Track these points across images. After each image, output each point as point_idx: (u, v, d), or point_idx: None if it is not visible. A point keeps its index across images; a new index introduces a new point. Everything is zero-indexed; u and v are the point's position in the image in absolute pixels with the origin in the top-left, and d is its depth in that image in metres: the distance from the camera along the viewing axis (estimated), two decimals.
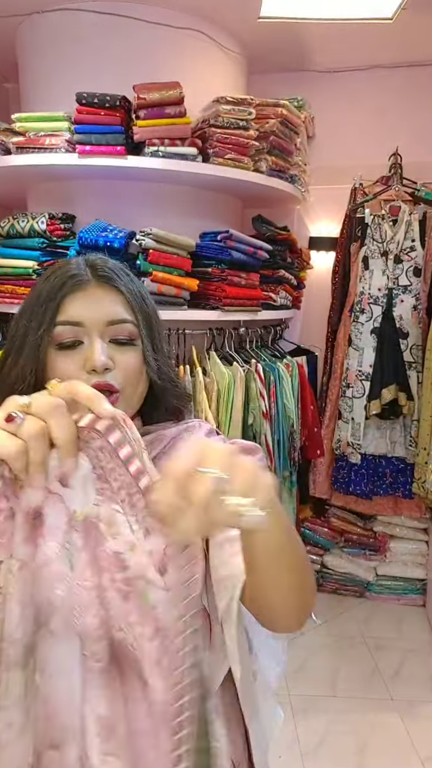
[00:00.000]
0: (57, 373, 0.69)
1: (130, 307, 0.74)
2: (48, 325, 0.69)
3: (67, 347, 0.70)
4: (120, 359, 0.71)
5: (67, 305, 0.70)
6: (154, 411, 0.79)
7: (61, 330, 0.70)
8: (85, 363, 0.68)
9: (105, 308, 0.72)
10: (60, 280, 0.72)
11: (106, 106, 2.00)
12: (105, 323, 0.71)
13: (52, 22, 2.28)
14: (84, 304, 0.71)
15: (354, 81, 2.90)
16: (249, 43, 2.57)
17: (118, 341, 0.72)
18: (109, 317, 0.71)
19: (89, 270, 0.73)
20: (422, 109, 2.86)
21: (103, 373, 0.68)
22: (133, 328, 0.73)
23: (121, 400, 0.70)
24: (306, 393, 2.51)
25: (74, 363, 0.69)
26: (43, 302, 0.71)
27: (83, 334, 0.70)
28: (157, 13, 2.24)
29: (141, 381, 0.74)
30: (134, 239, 2.06)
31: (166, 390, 0.77)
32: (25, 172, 2.20)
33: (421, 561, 2.82)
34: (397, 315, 2.58)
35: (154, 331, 0.76)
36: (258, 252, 2.30)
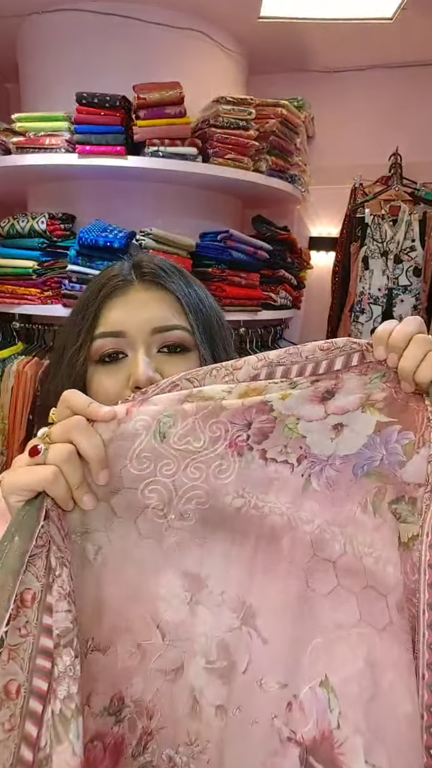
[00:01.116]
0: (99, 392, 0.60)
1: (183, 310, 0.63)
2: (85, 338, 0.61)
3: (109, 362, 0.61)
4: (170, 371, 0.58)
5: (106, 313, 0.61)
6: None
7: (101, 343, 0.61)
8: (128, 378, 0.59)
9: (150, 313, 0.61)
10: (99, 284, 0.63)
11: (106, 106, 2.00)
12: (150, 331, 0.61)
13: (52, 22, 2.28)
14: (126, 311, 0.61)
15: (354, 81, 2.90)
16: (249, 43, 2.57)
17: (168, 351, 0.62)
18: (154, 324, 0.61)
19: (133, 270, 0.64)
20: (422, 109, 2.86)
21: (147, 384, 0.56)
22: (185, 334, 0.62)
23: None
24: None
25: (117, 380, 0.60)
26: (82, 310, 0.63)
27: (126, 345, 0.61)
28: (157, 13, 2.23)
29: None
30: (134, 239, 2.06)
31: None
32: (25, 172, 2.20)
33: None
34: (397, 315, 2.57)
35: (215, 338, 0.66)
36: (258, 252, 2.30)
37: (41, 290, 2.15)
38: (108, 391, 0.60)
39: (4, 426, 2.13)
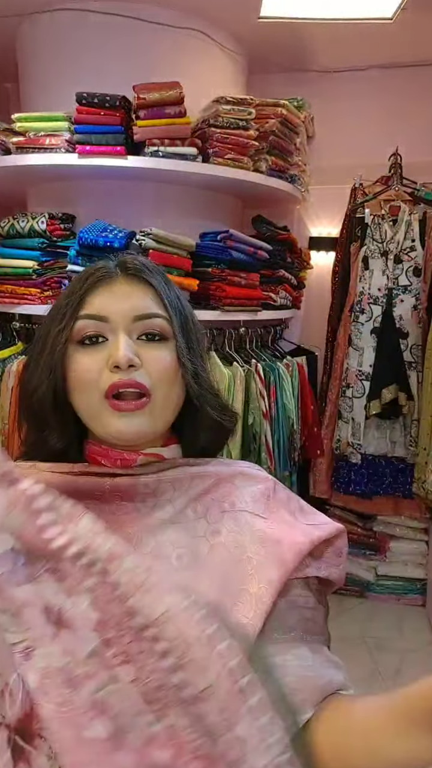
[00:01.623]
0: (78, 372, 0.62)
1: (162, 302, 0.65)
2: (69, 320, 0.62)
3: (90, 344, 0.62)
4: (149, 356, 0.62)
5: (90, 299, 0.63)
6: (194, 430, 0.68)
7: (83, 324, 0.62)
8: (108, 359, 0.61)
9: (133, 302, 0.64)
10: (85, 275, 0.66)
11: (106, 106, 2.00)
12: (132, 318, 0.63)
13: (52, 22, 2.28)
14: (110, 298, 0.63)
15: (354, 81, 2.89)
16: (249, 43, 2.57)
17: (147, 337, 0.64)
18: (137, 311, 0.63)
19: (118, 265, 0.67)
20: (422, 109, 2.86)
21: (128, 370, 0.60)
22: (164, 323, 0.64)
23: (151, 404, 0.61)
24: (306, 393, 2.50)
25: (96, 361, 0.61)
26: (67, 297, 0.65)
27: (108, 330, 0.62)
28: (157, 13, 2.24)
29: (174, 384, 0.64)
30: (134, 239, 2.06)
31: (204, 398, 0.66)
32: (25, 172, 2.20)
33: (421, 561, 2.82)
34: (397, 315, 2.58)
35: (190, 332, 0.67)
36: (258, 252, 2.30)
37: (41, 290, 2.15)
38: (88, 369, 0.61)
39: (4, 426, 2.13)
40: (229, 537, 0.60)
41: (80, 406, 0.63)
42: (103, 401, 0.61)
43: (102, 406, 0.61)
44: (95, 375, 0.61)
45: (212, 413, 0.67)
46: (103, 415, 0.61)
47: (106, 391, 0.60)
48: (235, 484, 0.65)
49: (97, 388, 0.61)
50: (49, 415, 0.65)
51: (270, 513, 0.64)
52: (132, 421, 0.60)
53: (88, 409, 0.62)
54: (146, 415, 0.61)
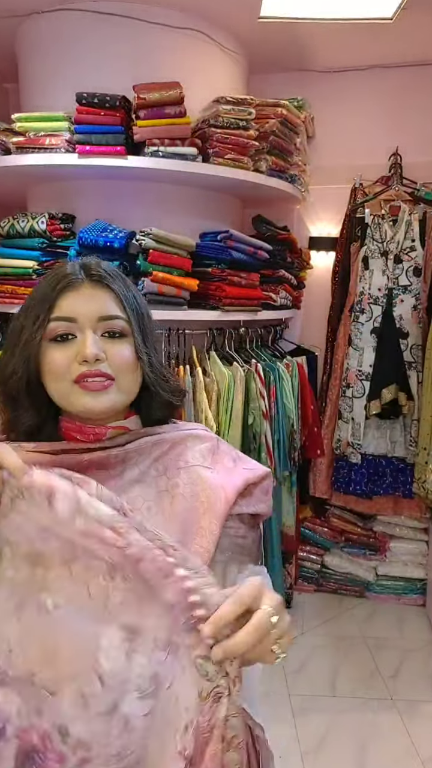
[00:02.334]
0: (51, 364, 0.72)
1: (121, 305, 0.76)
2: (43, 321, 0.72)
3: (61, 341, 0.73)
4: (112, 351, 0.73)
5: (61, 302, 0.73)
6: (149, 406, 0.81)
7: (55, 325, 0.73)
8: (77, 354, 0.72)
9: (97, 305, 0.74)
10: (55, 280, 0.75)
11: (106, 106, 2.00)
12: (97, 319, 0.73)
13: (52, 22, 2.28)
14: (77, 302, 0.73)
15: (354, 81, 2.89)
16: (249, 43, 2.57)
17: (109, 335, 0.74)
18: (101, 313, 0.74)
19: (83, 270, 0.76)
20: (422, 109, 2.86)
21: (95, 363, 0.71)
22: (124, 323, 0.75)
23: (115, 387, 0.73)
24: (306, 393, 2.51)
25: (67, 356, 0.72)
26: (39, 301, 0.74)
27: (76, 329, 0.73)
28: (157, 13, 2.24)
29: (134, 372, 0.76)
30: (134, 239, 2.06)
31: (158, 384, 0.79)
32: (25, 172, 2.20)
33: (421, 561, 2.82)
34: (397, 315, 2.58)
35: (146, 328, 0.79)
36: (258, 252, 2.30)
37: None
38: (59, 363, 0.72)
39: None
40: (186, 488, 0.74)
41: (53, 391, 0.74)
42: (73, 385, 0.72)
43: (72, 389, 0.72)
44: (66, 366, 0.72)
45: (164, 395, 0.80)
46: (73, 396, 0.72)
47: (75, 378, 0.72)
48: (186, 445, 0.79)
49: (67, 376, 0.72)
50: (23, 397, 0.75)
51: (215, 464, 0.78)
52: (98, 398, 0.72)
53: (59, 392, 0.73)
54: (111, 394, 0.73)
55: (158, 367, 0.79)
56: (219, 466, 0.78)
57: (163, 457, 0.77)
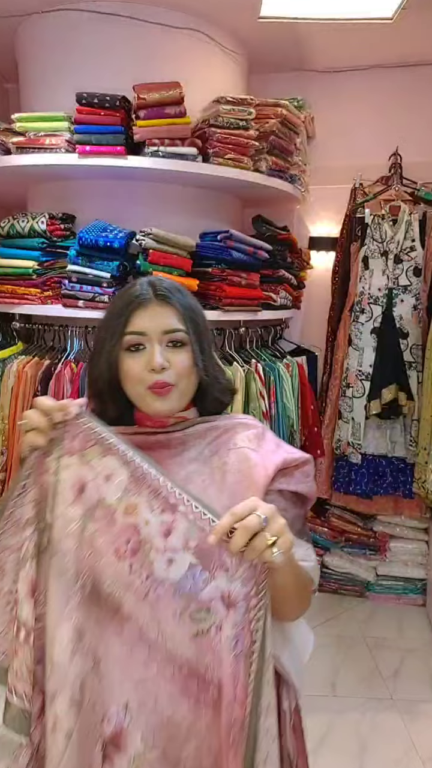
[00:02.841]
0: (128, 372, 0.89)
1: (182, 319, 0.90)
2: (119, 335, 0.89)
3: (134, 350, 0.89)
4: (174, 359, 0.89)
5: (133, 319, 0.89)
6: (204, 401, 0.97)
7: (129, 338, 0.89)
8: (147, 363, 0.88)
9: (162, 320, 0.89)
10: (128, 299, 0.91)
11: (106, 106, 2.00)
12: (162, 332, 0.89)
13: (52, 22, 2.28)
14: (146, 318, 0.89)
15: (354, 81, 2.90)
16: (249, 43, 2.57)
17: (173, 344, 0.90)
18: (165, 327, 0.89)
19: (150, 290, 0.91)
20: (422, 109, 2.86)
21: (161, 371, 0.88)
22: (184, 335, 0.90)
23: (175, 391, 0.90)
24: (306, 393, 2.50)
25: (139, 364, 0.89)
26: (116, 317, 0.91)
27: (146, 341, 0.89)
28: (157, 13, 2.24)
29: (192, 376, 0.91)
30: (134, 239, 2.06)
31: (211, 385, 0.95)
32: (25, 172, 2.20)
33: (421, 561, 2.82)
34: (397, 315, 2.58)
35: (202, 337, 0.93)
36: (258, 252, 2.30)
37: (41, 290, 2.15)
38: (133, 369, 0.89)
39: (4, 426, 2.13)
40: (234, 466, 0.88)
41: (130, 392, 0.92)
42: (146, 391, 0.89)
43: (146, 394, 0.89)
44: (140, 374, 0.89)
45: (216, 394, 0.97)
46: (147, 399, 0.90)
47: (148, 386, 0.88)
48: (236, 431, 0.94)
49: (142, 383, 0.89)
50: (107, 394, 0.94)
51: (259, 447, 0.92)
52: (164, 403, 0.89)
53: (136, 395, 0.91)
54: (173, 398, 0.90)
55: (212, 371, 0.95)
56: (263, 449, 0.91)
57: (215, 440, 0.92)
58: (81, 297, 2.07)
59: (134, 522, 0.78)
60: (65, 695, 0.75)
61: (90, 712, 0.76)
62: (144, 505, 0.78)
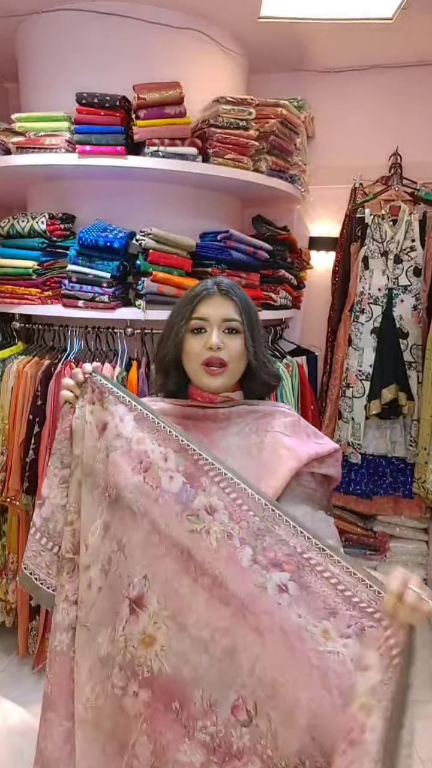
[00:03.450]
0: (189, 349, 1.08)
1: (239, 311, 1.09)
2: (187, 319, 1.08)
3: (197, 333, 1.08)
4: (229, 343, 1.08)
5: (199, 307, 1.09)
6: (251, 383, 1.14)
7: (195, 322, 1.08)
8: (206, 343, 1.07)
9: (222, 310, 1.09)
10: (197, 292, 1.10)
11: (106, 106, 2.00)
12: (221, 320, 1.08)
13: (52, 22, 2.28)
14: (209, 307, 1.09)
15: (354, 81, 2.89)
16: (249, 43, 2.57)
17: (228, 331, 1.08)
18: (224, 316, 1.08)
19: (215, 286, 1.10)
20: (422, 109, 2.86)
21: (217, 351, 1.06)
22: (239, 324, 1.09)
23: (227, 371, 1.08)
24: (306, 393, 2.50)
25: (199, 343, 1.08)
26: (185, 305, 1.10)
27: (207, 325, 1.08)
28: (157, 13, 2.24)
29: (242, 359, 1.09)
30: (134, 239, 2.06)
31: (258, 368, 1.11)
32: (25, 172, 2.20)
33: (421, 561, 2.82)
34: (397, 315, 2.58)
35: (254, 327, 1.11)
36: (258, 252, 2.30)
37: (41, 290, 2.15)
38: (194, 348, 1.08)
39: (4, 426, 2.13)
40: (269, 445, 1.05)
41: (188, 368, 1.10)
42: (201, 367, 1.08)
43: (200, 369, 1.08)
44: (199, 351, 1.07)
45: (263, 377, 1.13)
46: (200, 374, 1.08)
47: (203, 361, 1.07)
48: (274, 416, 1.11)
49: (198, 359, 1.07)
50: (171, 370, 1.12)
51: (293, 434, 1.09)
52: (216, 380, 1.08)
53: (192, 370, 1.10)
54: (224, 376, 1.08)
55: (261, 356, 1.11)
56: (296, 436, 1.09)
57: (255, 421, 1.09)
58: (81, 297, 2.07)
59: (144, 449, 0.99)
60: (97, 565, 0.98)
61: (117, 579, 0.96)
62: (147, 439, 0.99)
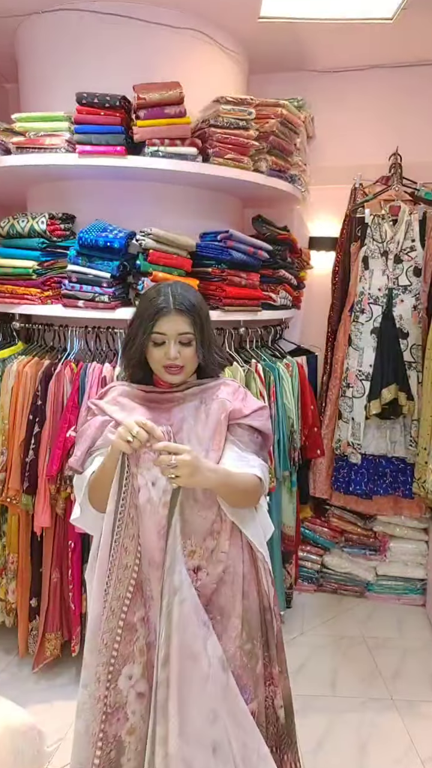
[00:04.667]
0: (152, 357, 1.29)
1: (192, 324, 1.28)
2: (149, 333, 1.27)
3: (158, 345, 1.28)
4: (184, 352, 1.28)
5: (159, 323, 1.27)
6: (202, 373, 1.38)
7: (155, 336, 1.28)
8: (165, 354, 1.27)
9: (177, 326, 1.27)
10: (157, 308, 1.27)
11: (106, 106, 2.00)
12: (177, 334, 1.28)
13: (52, 22, 2.28)
14: (168, 324, 1.27)
15: (354, 81, 2.90)
16: (249, 43, 2.57)
17: (183, 343, 1.28)
18: (179, 330, 1.27)
19: (172, 301, 1.27)
20: (422, 109, 2.86)
21: (175, 360, 1.27)
22: (192, 336, 1.29)
23: (184, 370, 1.30)
24: (306, 393, 2.51)
25: (160, 353, 1.28)
26: (146, 319, 1.27)
27: (166, 338, 1.28)
28: (157, 13, 2.24)
29: (194, 361, 1.32)
30: (134, 239, 2.06)
31: (206, 365, 1.36)
32: (25, 172, 2.20)
33: (421, 561, 2.82)
34: (397, 315, 2.57)
35: (204, 334, 1.31)
36: (258, 252, 2.30)
37: (41, 290, 2.15)
38: (156, 356, 1.28)
39: (4, 426, 2.13)
40: (215, 410, 1.31)
41: (152, 366, 1.32)
42: (163, 369, 1.30)
43: (162, 370, 1.30)
44: (160, 359, 1.29)
45: (211, 368, 1.38)
46: (162, 373, 1.31)
47: (164, 365, 1.29)
48: (219, 387, 1.36)
49: (160, 363, 1.29)
50: (137, 367, 1.35)
51: (234, 399, 1.34)
52: (175, 377, 1.31)
53: (156, 370, 1.32)
54: (181, 375, 1.31)
55: (209, 357, 1.34)
56: (236, 401, 1.34)
57: (204, 393, 1.35)
58: (81, 297, 2.07)
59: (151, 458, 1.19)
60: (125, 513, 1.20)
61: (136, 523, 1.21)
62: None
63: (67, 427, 1.98)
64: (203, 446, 1.27)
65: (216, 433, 1.29)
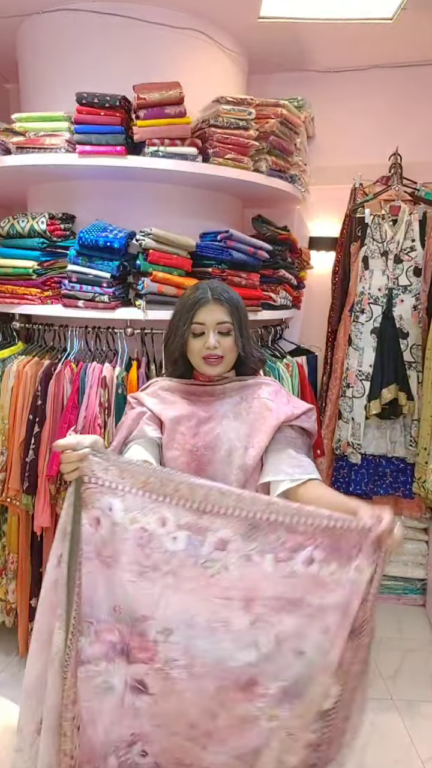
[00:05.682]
0: (192, 348, 1.35)
1: (230, 314, 1.34)
2: (188, 324, 1.33)
3: (197, 335, 1.34)
4: (222, 342, 1.34)
5: (198, 314, 1.33)
6: (242, 367, 1.42)
7: (195, 327, 1.34)
8: (205, 344, 1.33)
9: (216, 315, 1.33)
10: (195, 299, 1.34)
11: (106, 106, 2.00)
12: (216, 323, 1.33)
13: (52, 22, 2.28)
14: (206, 313, 1.33)
15: (354, 81, 2.90)
16: (249, 43, 2.57)
17: (222, 333, 1.34)
18: (218, 320, 1.34)
19: (210, 293, 1.34)
20: (422, 109, 2.86)
21: (214, 349, 1.32)
22: (231, 326, 1.34)
23: (223, 362, 1.35)
24: (306, 393, 2.50)
25: (200, 343, 1.34)
26: (186, 311, 1.34)
27: (205, 329, 1.34)
28: (157, 13, 2.24)
29: (234, 352, 1.36)
30: (134, 239, 2.06)
31: (246, 357, 1.40)
32: (25, 172, 2.20)
33: (421, 561, 2.82)
34: (397, 315, 2.57)
35: (242, 326, 1.36)
36: (258, 252, 2.30)
37: (41, 290, 2.15)
38: (196, 347, 1.35)
39: (4, 426, 2.13)
40: (255, 409, 1.35)
41: (192, 360, 1.38)
42: (202, 360, 1.35)
43: (201, 362, 1.36)
44: (200, 349, 1.34)
45: (251, 362, 1.42)
46: (202, 366, 1.36)
47: (203, 356, 1.34)
48: (260, 387, 1.40)
49: (200, 355, 1.35)
50: (179, 360, 1.41)
51: (275, 399, 1.37)
52: (215, 369, 1.36)
53: (195, 362, 1.38)
54: (221, 366, 1.35)
55: (248, 348, 1.38)
56: (277, 401, 1.36)
57: (245, 391, 1.38)
58: (81, 297, 2.07)
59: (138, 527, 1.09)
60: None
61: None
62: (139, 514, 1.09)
63: (67, 427, 1.98)
64: (242, 443, 1.30)
65: (256, 431, 1.31)
